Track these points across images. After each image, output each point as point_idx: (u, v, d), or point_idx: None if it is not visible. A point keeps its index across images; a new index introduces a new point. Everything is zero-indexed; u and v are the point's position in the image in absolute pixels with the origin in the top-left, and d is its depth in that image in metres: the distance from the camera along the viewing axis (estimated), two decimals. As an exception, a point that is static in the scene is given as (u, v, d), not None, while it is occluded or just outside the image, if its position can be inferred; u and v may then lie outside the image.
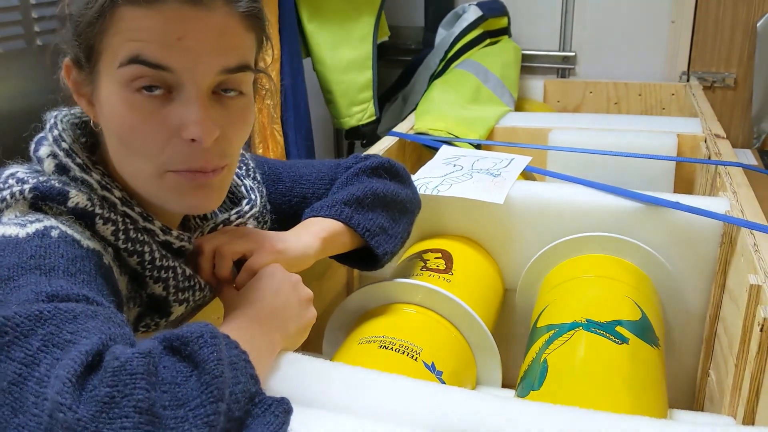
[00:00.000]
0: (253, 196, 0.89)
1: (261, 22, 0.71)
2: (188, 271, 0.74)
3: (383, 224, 0.93)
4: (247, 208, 0.86)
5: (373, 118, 1.88)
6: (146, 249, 0.70)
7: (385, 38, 2.05)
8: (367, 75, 1.84)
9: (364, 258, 0.94)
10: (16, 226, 0.61)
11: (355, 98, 1.83)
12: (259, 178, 0.94)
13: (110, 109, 0.65)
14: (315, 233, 0.86)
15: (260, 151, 1.61)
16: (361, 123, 1.86)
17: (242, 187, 0.89)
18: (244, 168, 0.93)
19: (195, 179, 0.67)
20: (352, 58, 1.82)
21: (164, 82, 0.64)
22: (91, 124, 0.71)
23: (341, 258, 0.94)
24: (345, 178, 0.96)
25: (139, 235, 0.69)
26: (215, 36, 0.65)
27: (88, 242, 0.64)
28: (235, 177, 0.89)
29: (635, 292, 1.04)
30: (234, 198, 0.88)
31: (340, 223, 0.89)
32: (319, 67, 1.82)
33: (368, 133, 1.88)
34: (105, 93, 0.66)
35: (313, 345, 1.10)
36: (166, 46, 0.63)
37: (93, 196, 0.67)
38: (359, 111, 1.85)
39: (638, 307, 1.00)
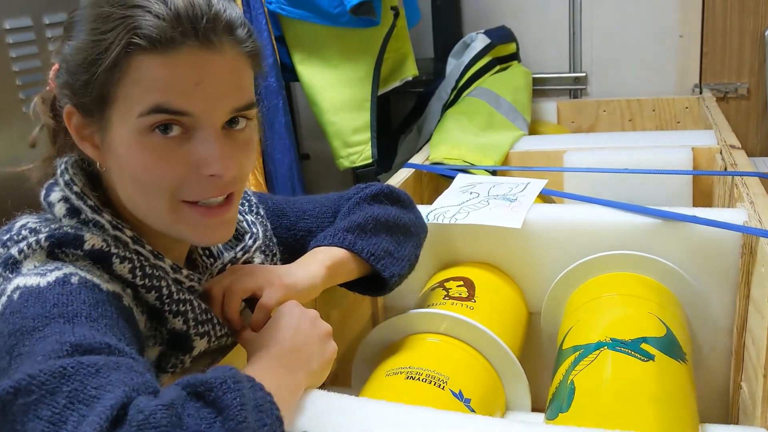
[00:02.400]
0: (254, 230, 0.90)
1: (260, 59, 0.74)
2: (204, 305, 0.75)
3: (388, 248, 0.94)
4: (250, 242, 0.88)
5: (369, 160, 1.82)
6: (163, 284, 0.71)
7: (409, 77, 1.98)
8: (363, 117, 1.80)
9: (372, 283, 0.95)
10: (36, 276, 0.62)
11: (348, 140, 1.79)
12: (262, 213, 0.96)
13: (126, 153, 0.67)
14: (320, 262, 0.87)
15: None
16: (354, 165, 1.81)
17: (243, 222, 0.90)
18: (246, 204, 0.94)
19: (209, 214, 0.70)
20: (346, 100, 1.79)
21: (183, 124, 0.67)
22: (98, 166, 0.72)
23: (351, 286, 0.95)
24: (347, 209, 0.98)
25: (155, 270, 0.71)
26: (228, 78, 0.68)
27: (107, 285, 0.65)
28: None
29: (659, 309, 1.04)
30: (237, 234, 0.89)
31: (344, 250, 0.90)
32: (312, 107, 1.81)
33: (363, 176, 1.81)
34: (119, 138, 0.68)
35: (341, 380, 1.11)
36: (186, 93, 0.65)
37: (107, 237, 0.69)
38: (354, 153, 1.81)
39: (663, 323, 1.00)
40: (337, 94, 1.79)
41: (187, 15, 0.64)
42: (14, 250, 0.66)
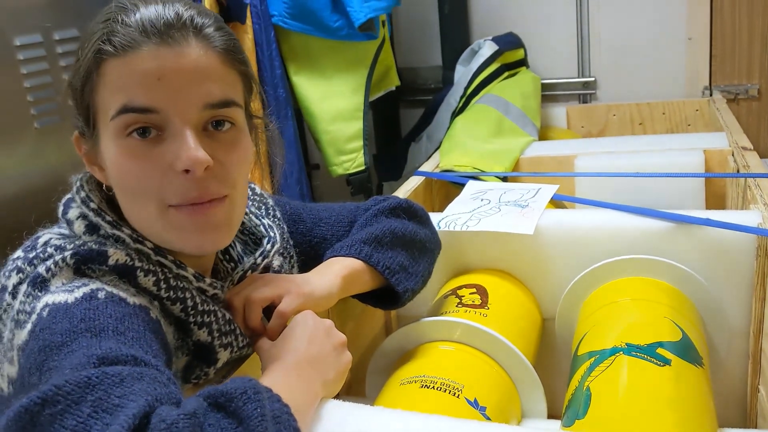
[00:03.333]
0: (272, 234, 0.90)
1: (240, 57, 0.74)
2: (227, 315, 0.76)
3: (403, 262, 0.94)
4: (269, 246, 0.87)
5: (362, 167, 1.88)
6: (187, 295, 0.71)
7: (392, 88, 2.09)
8: (357, 126, 1.85)
9: (385, 297, 0.95)
10: (64, 293, 0.63)
11: (342, 148, 1.85)
12: (278, 215, 0.96)
13: (110, 161, 0.69)
14: (336, 272, 0.87)
15: None
16: (348, 172, 1.87)
17: (260, 227, 0.90)
18: (264, 208, 0.95)
19: (195, 214, 0.69)
20: (340, 109, 1.83)
21: (154, 124, 0.67)
22: (104, 188, 0.73)
23: (363, 297, 0.95)
24: (364, 220, 0.98)
25: (179, 282, 0.71)
26: (192, 71, 0.68)
27: (134, 299, 0.66)
28: (253, 218, 0.91)
29: (674, 313, 1.04)
30: (255, 239, 0.90)
31: (360, 261, 0.90)
32: (307, 117, 1.85)
33: (356, 183, 1.88)
34: (105, 149, 0.69)
35: (355, 389, 1.11)
36: (149, 89, 0.66)
37: (129, 251, 0.69)
38: (347, 160, 1.86)
39: (678, 327, 0.99)
40: (331, 105, 1.83)
41: (151, 22, 0.67)
42: (41, 269, 0.66)
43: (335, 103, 1.83)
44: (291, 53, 1.81)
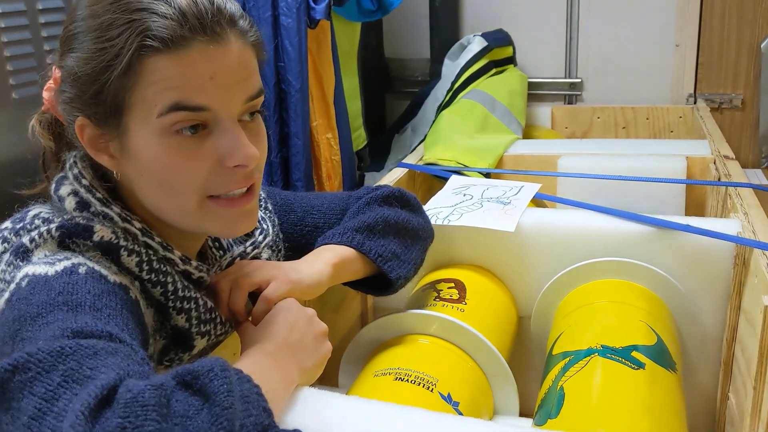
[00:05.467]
0: (265, 226, 0.91)
1: (263, 48, 0.75)
2: (209, 303, 0.76)
3: (395, 250, 0.94)
4: (260, 238, 0.88)
5: (365, 143, 1.96)
6: (169, 279, 0.71)
7: None
8: (357, 104, 1.91)
9: (377, 284, 0.95)
10: (45, 265, 0.63)
11: (351, 125, 1.88)
12: (270, 208, 0.96)
13: (150, 157, 0.68)
14: (327, 260, 0.87)
15: (327, 185, 1.65)
16: (358, 149, 1.92)
17: None
18: None
19: (234, 204, 0.71)
20: (347, 88, 1.86)
21: (204, 120, 0.68)
22: (115, 175, 0.72)
23: (355, 284, 0.95)
24: (356, 208, 0.98)
25: (162, 265, 0.71)
26: (237, 68, 0.69)
27: (114, 277, 0.66)
28: None
29: (650, 317, 1.04)
30: None
31: (352, 249, 0.90)
32: None
33: (365, 156, 1.96)
34: (140, 144, 0.68)
35: (328, 378, 1.10)
36: (202, 88, 0.66)
37: (116, 229, 0.69)
38: (356, 137, 1.89)
39: (653, 331, 1.00)
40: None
41: (192, 12, 0.65)
42: (26, 239, 0.67)
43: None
44: None
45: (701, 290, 1.11)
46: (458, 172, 1.54)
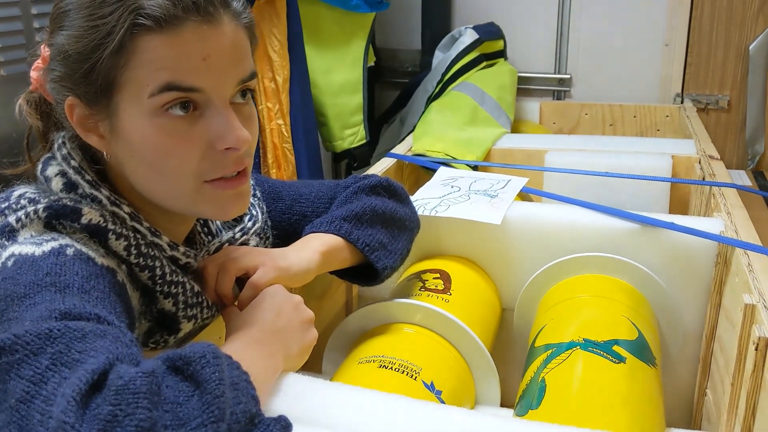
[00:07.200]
0: (254, 212, 0.91)
1: (254, 31, 0.75)
2: (196, 288, 0.76)
3: (382, 240, 0.94)
4: (249, 224, 0.88)
5: (364, 141, 1.93)
6: (157, 264, 0.71)
7: (371, 64, 2.10)
8: (358, 99, 1.89)
9: (364, 273, 0.95)
10: (32, 245, 0.63)
11: (347, 121, 1.87)
12: (259, 195, 0.96)
13: (140, 138, 0.67)
14: (315, 248, 0.87)
15: (273, 171, 1.63)
16: (352, 146, 1.90)
17: None
18: None
19: (228, 187, 0.71)
20: (344, 82, 1.86)
21: (195, 101, 0.67)
22: (105, 156, 0.72)
23: (342, 273, 0.95)
24: (344, 197, 0.98)
25: (150, 250, 0.71)
26: (230, 50, 0.68)
27: (102, 260, 0.65)
28: None
29: (632, 312, 1.05)
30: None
31: (339, 238, 0.90)
32: (313, 90, 1.85)
33: (359, 156, 1.93)
34: (130, 124, 0.67)
35: (312, 365, 1.11)
36: (194, 69, 0.66)
37: (105, 213, 0.69)
38: (351, 134, 1.89)
39: (635, 326, 1.01)
40: (335, 77, 1.85)
41: None
42: (12, 219, 0.66)
43: (339, 76, 1.85)
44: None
45: (683, 287, 1.13)
46: (446, 164, 1.55)
